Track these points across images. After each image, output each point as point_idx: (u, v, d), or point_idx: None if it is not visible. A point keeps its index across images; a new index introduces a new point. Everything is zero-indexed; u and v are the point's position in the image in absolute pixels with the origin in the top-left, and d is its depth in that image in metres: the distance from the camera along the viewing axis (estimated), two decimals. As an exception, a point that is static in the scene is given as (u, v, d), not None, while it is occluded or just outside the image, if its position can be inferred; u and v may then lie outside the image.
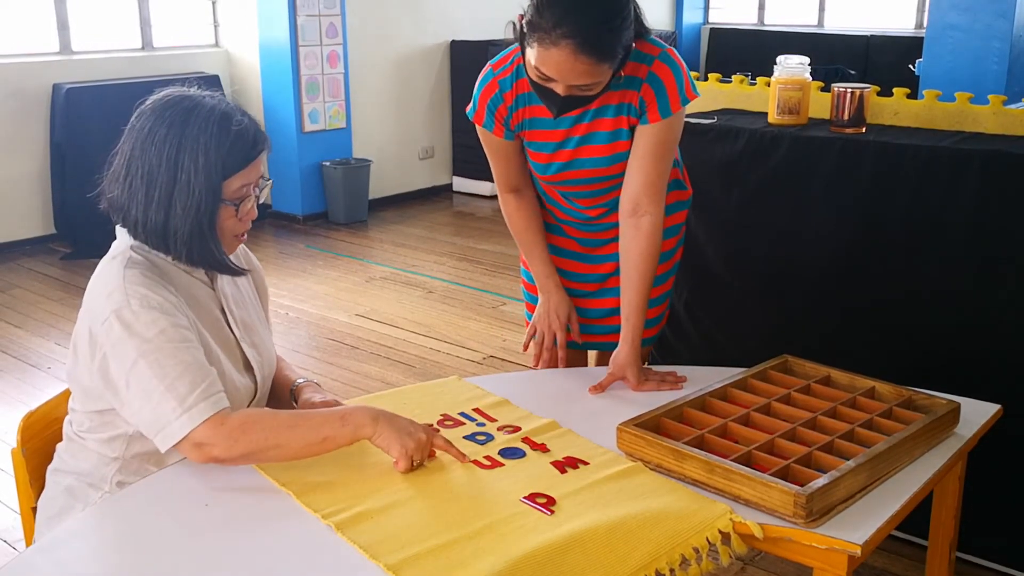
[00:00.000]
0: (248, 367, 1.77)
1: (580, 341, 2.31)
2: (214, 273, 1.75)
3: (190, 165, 1.60)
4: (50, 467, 1.77)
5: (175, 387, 1.54)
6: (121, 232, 1.69)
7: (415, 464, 1.64)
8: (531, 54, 1.88)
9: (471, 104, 2.14)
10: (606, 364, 2.12)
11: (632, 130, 2.06)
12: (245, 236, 1.74)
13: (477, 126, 2.15)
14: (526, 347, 2.31)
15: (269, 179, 1.74)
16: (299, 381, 1.90)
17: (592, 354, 2.53)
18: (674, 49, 2.07)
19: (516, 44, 2.00)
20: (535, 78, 1.92)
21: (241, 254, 1.86)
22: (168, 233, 1.63)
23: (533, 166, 2.18)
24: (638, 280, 2.09)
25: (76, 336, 1.66)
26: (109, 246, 1.71)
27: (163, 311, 1.58)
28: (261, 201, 1.73)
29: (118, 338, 1.56)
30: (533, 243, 2.26)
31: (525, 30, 1.88)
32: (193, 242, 1.64)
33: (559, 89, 1.90)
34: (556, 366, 2.26)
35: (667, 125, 2.04)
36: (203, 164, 1.60)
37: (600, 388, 2.03)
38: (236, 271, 1.75)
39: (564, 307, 2.26)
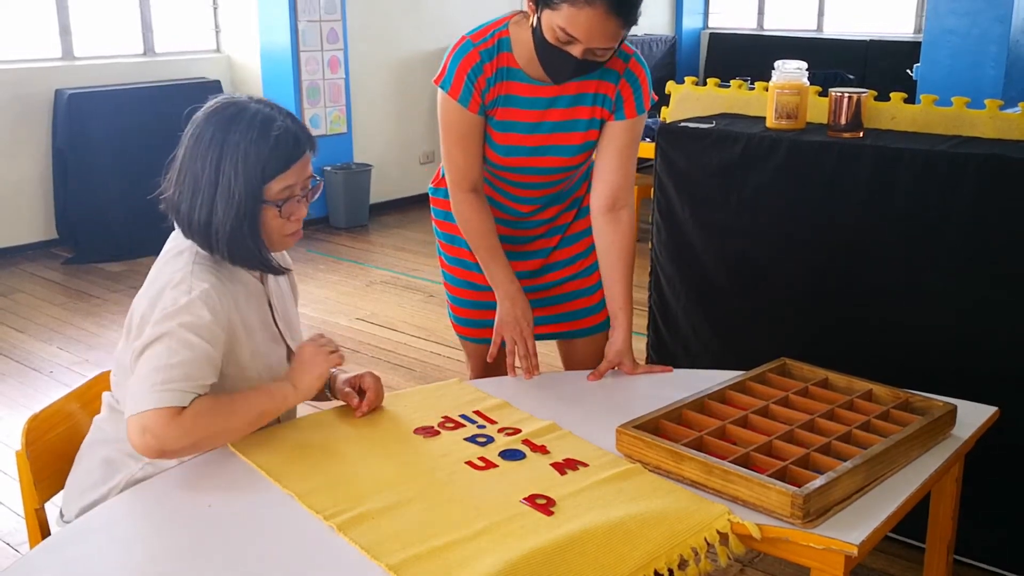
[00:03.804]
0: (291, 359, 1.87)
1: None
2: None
3: (230, 170, 1.69)
4: (85, 441, 1.84)
5: (171, 367, 1.62)
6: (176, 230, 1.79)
7: (337, 349, 1.86)
8: (556, 16, 1.90)
9: (443, 75, 2.08)
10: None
11: (602, 122, 2.14)
12: (298, 234, 1.81)
13: (449, 102, 2.08)
14: (492, 357, 2.22)
15: (320, 179, 1.81)
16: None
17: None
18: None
19: (495, 19, 2.07)
20: (553, 40, 1.93)
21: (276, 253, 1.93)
22: (211, 233, 1.71)
23: (495, 149, 2.13)
24: (624, 270, 2.20)
25: (130, 320, 1.74)
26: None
27: (212, 311, 1.67)
28: (312, 200, 1.81)
29: (166, 313, 1.65)
30: (494, 247, 2.19)
31: None
32: (234, 242, 1.72)
33: (577, 51, 1.93)
34: (535, 373, 2.15)
35: (640, 121, 2.16)
36: (243, 169, 1.69)
37: (599, 375, 2.14)
38: (277, 270, 1.84)
39: (530, 311, 2.20)
